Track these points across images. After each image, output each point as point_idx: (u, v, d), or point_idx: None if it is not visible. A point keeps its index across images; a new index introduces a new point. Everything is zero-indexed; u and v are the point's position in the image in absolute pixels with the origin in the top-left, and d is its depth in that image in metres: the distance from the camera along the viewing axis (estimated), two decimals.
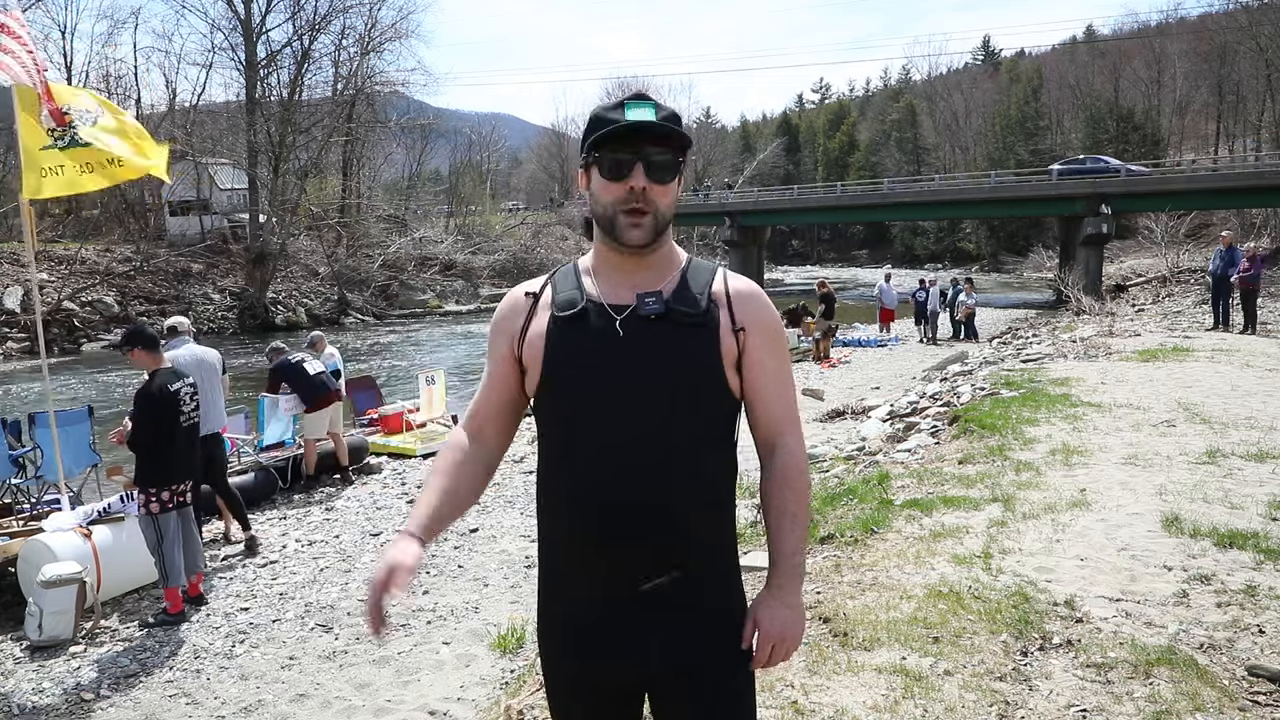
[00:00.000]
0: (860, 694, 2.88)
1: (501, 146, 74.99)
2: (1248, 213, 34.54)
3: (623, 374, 1.45)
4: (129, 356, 5.05)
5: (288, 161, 34.73)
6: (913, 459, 6.51)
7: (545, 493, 1.55)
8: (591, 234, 1.59)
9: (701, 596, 1.50)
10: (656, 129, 1.44)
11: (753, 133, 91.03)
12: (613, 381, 1.45)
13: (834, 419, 10.11)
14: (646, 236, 1.48)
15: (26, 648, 4.71)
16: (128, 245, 31.51)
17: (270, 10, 35.61)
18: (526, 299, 1.58)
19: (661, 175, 1.46)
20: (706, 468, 1.49)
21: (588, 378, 1.47)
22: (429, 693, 3.95)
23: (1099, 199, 31.67)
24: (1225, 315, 14.19)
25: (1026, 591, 3.57)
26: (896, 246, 69.30)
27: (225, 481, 6.33)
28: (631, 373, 1.45)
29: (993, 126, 64.21)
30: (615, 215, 1.47)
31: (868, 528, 4.59)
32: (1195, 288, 24.29)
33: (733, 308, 1.52)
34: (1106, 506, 4.66)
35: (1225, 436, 6.10)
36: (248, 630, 4.83)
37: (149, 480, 4.87)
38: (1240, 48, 47.79)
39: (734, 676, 1.53)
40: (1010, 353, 13.98)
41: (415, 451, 9.25)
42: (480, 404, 1.64)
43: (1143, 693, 2.77)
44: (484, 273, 42.10)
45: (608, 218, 1.49)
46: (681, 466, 1.45)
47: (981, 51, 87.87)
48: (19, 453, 7.36)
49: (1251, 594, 3.46)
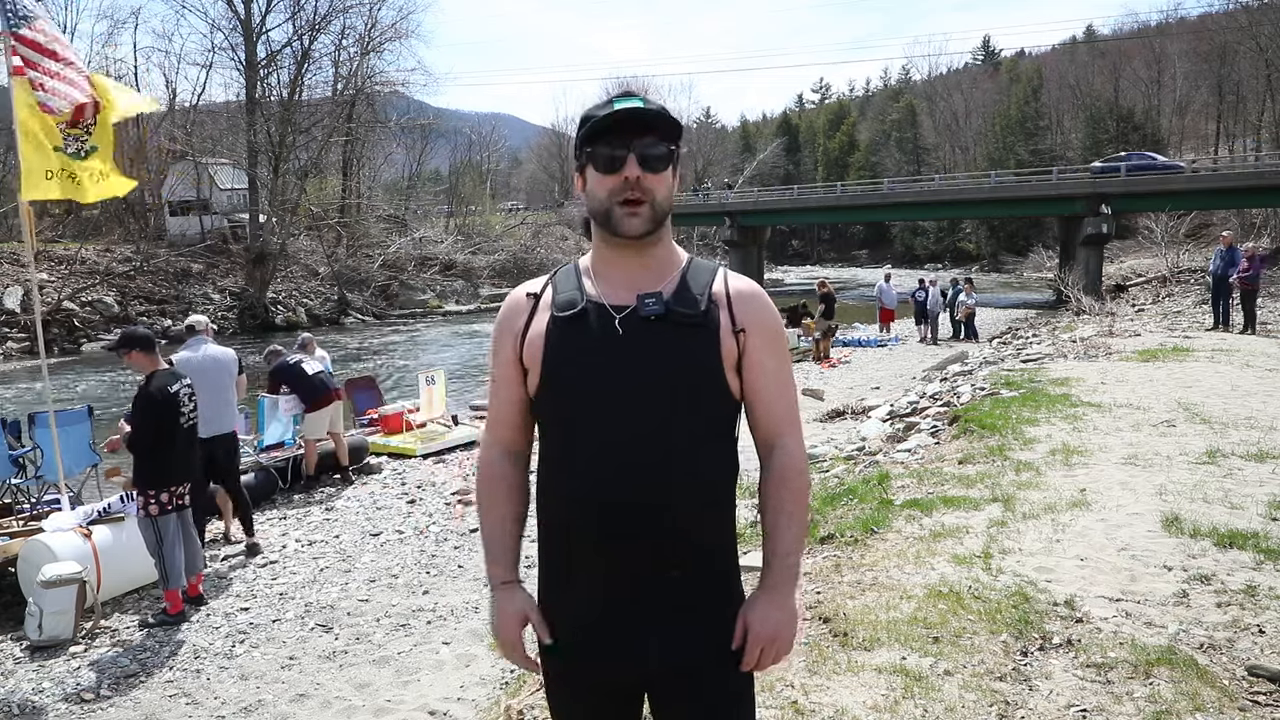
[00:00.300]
0: (860, 694, 2.88)
1: (501, 146, 74.97)
2: (1248, 213, 34.55)
3: (622, 374, 1.45)
4: (126, 359, 4.99)
5: (288, 161, 34.72)
6: (913, 459, 6.51)
7: (545, 492, 1.55)
8: (591, 234, 1.59)
9: (701, 596, 1.50)
10: (644, 114, 1.45)
11: (753, 133, 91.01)
12: (612, 382, 1.45)
13: (834, 419, 10.12)
14: (644, 226, 1.48)
15: (26, 648, 4.70)
16: (128, 245, 31.48)
17: (270, 10, 35.64)
18: (528, 300, 1.59)
19: (654, 164, 1.47)
20: (706, 468, 1.49)
21: (587, 378, 1.47)
22: (429, 693, 3.95)
23: (1099, 199, 31.68)
24: (1225, 315, 14.20)
25: (1026, 591, 3.57)
26: (896, 246, 69.30)
27: (238, 482, 6.29)
28: (631, 373, 1.45)
29: (993, 126, 64.21)
30: (611, 207, 1.48)
31: (868, 528, 4.59)
32: (1195, 288, 24.28)
33: (733, 309, 1.51)
34: (1106, 506, 4.66)
35: (1225, 436, 6.10)
36: (248, 630, 4.83)
37: (148, 482, 4.86)
38: (1240, 48, 47.81)
39: (733, 677, 1.53)
40: (1010, 353, 13.98)
41: (415, 451, 9.24)
42: (497, 416, 1.64)
43: (1143, 693, 2.77)
44: (484, 273, 42.08)
45: (604, 210, 1.49)
46: (681, 467, 1.45)
47: (981, 51, 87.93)
48: (19, 453, 7.36)
49: (1251, 594, 3.46)
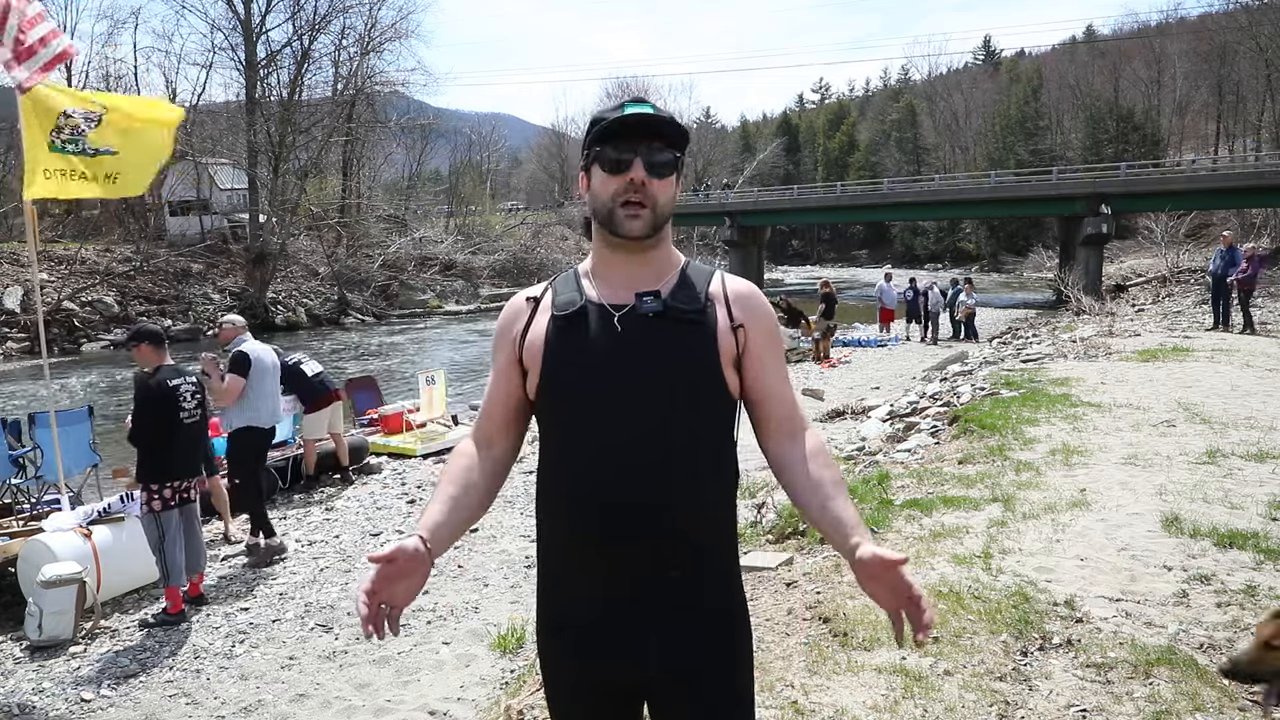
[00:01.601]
0: (860, 694, 2.88)
1: (501, 146, 74.97)
2: (1248, 213, 34.56)
3: (622, 373, 1.46)
4: (135, 352, 5.15)
5: (288, 161, 34.72)
6: (913, 459, 6.51)
7: (545, 492, 1.55)
8: (591, 235, 1.60)
9: (701, 597, 1.50)
10: (654, 120, 1.47)
11: (753, 133, 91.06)
12: (612, 381, 1.46)
13: (834, 419, 10.11)
14: (645, 228, 1.49)
15: (26, 648, 4.71)
16: (128, 245, 31.47)
17: (270, 10, 35.65)
18: (527, 304, 1.60)
19: (660, 170, 1.49)
20: (706, 467, 1.49)
21: (587, 378, 1.48)
22: (429, 693, 3.95)
23: (1099, 199, 31.69)
24: (1225, 315, 14.20)
25: (1026, 591, 3.57)
26: (896, 246, 69.31)
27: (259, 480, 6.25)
28: (630, 371, 1.45)
29: (993, 126, 64.22)
30: (614, 208, 1.49)
31: (868, 528, 4.58)
32: (1195, 288, 24.27)
33: (730, 306, 1.53)
34: (1106, 506, 4.66)
35: (1225, 436, 6.10)
36: (248, 630, 4.83)
37: (151, 477, 4.89)
38: (1240, 48, 47.82)
39: (733, 678, 1.53)
40: (1010, 353, 13.98)
41: (415, 451, 9.24)
42: (486, 411, 1.64)
43: (1143, 693, 2.77)
44: (484, 273, 42.06)
45: (606, 211, 1.50)
46: (681, 466, 1.45)
47: (981, 51, 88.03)
48: (19, 453, 7.36)
49: (1251, 594, 3.46)
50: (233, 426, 5.96)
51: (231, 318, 6.51)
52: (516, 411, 1.62)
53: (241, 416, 5.95)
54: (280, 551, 5.99)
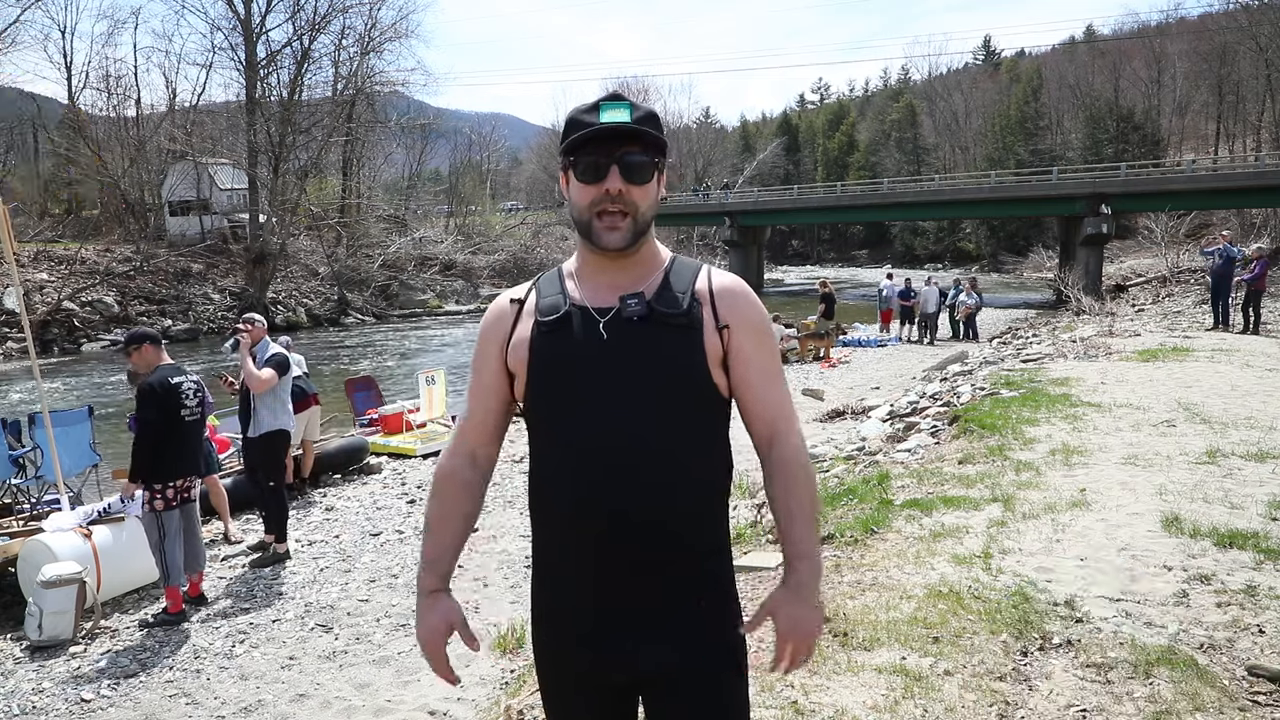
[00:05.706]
0: (860, 694, 2.88)
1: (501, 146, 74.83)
2: (1248, 213, 34.55)
3: (608, 377, 1.44)
4: (136, 354, 5.10)
5: (288, 161, 34.71)
6: (913, 459, 6.51)
7: (536, 495, 1.55)
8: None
9: (693, 598, 1.50)
10: (628, 130, 1.43)
11: (753, 133, 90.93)
12: (599, 385, 1.45)
13: (834, 419, 10.11)
14: (625, 240, 1.47)
15: (26, 648, 4.71)
16: (128, 245, 31.46)
17: (270, 10, 35.62)
18: (511, 306, 1.58)
19: (637, 176, 1.45)
20: (696, 468, 1.48)
21: (574, 383, 1.47)
22: (429, 693, 3.95)
23: (1099, 199, 31.67)
24: (1225, 315, 14.19)
25: (1026, 591, 3.57)
26: (896, 246, 69.24)
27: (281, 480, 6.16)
28: (617, 376, 1.44)
29: (993, 126, 64.16)
30: (591, 219, 1.46)
31: (868, 528, 4.59)
32: (1195, 288, 24.25)
33: (716, 305, 1.50)
34: (1106, 506, 4.66)
35: (1225, 436, 6.10)
36: (248, 630, 4.83)
37: (152, 475, 4.89)
38: (1240, 48, 47.77)
39: (728, 678, 1.53)
40: (1010, 353, 13.97)
41: (415, 451, 9.24)
42: (475, 422, 1.63)
43: (1143, 693, 2.77)
44: (484, 273, 42.03)
45: (584, 221, 1.48)
46: (670, 468, 1.44)
47: (981, 51, 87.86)
48: (19, 453, 7.36)
49: (1251, 594, 3.46)
50: (263, 429, 5.91)
51: (258, 317, 6.48)
52: (499, 414, 1.62)
53: (274, 420, 5.95)
54: (284, 559, 5.99)
